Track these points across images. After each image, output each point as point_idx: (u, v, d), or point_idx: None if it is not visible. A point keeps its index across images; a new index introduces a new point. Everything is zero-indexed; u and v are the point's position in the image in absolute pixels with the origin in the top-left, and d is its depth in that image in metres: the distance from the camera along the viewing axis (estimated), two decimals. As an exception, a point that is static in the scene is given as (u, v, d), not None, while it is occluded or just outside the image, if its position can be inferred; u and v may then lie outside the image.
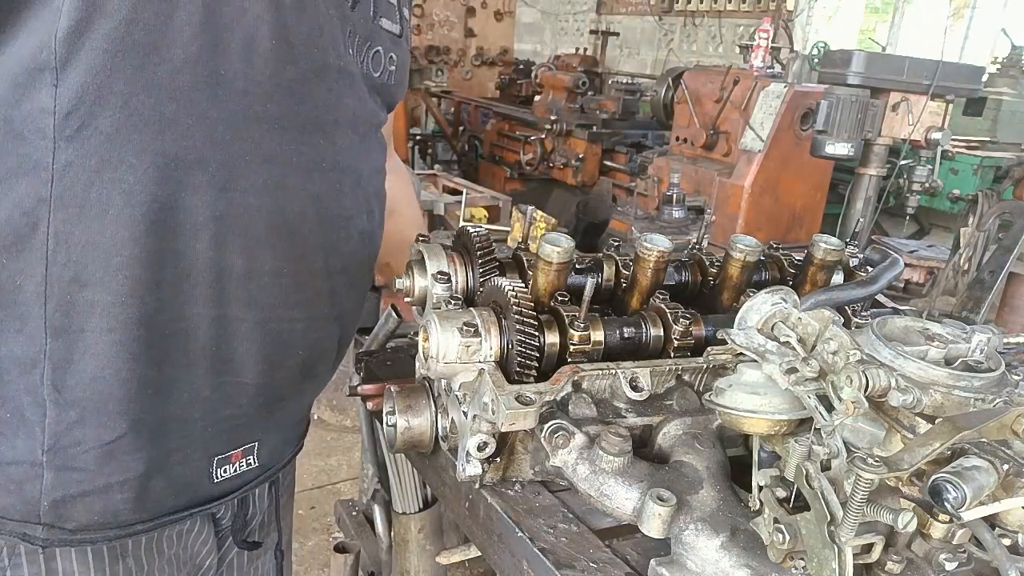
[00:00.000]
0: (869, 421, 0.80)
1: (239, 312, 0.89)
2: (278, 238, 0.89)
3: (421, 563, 1.39)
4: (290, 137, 0.88)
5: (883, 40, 7.05)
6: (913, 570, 0.75)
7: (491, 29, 10.21)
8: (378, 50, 1.00)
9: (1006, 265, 2.19)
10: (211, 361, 0.89)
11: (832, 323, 0.81)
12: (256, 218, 0.87)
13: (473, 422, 0.90)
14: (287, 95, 0.86)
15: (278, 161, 0.87)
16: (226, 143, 0.83)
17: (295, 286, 0.93)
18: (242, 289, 0.88)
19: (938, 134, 3.47)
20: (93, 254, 0.79)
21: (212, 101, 0.81)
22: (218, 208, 0.84)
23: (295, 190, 0.90)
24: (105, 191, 0.78)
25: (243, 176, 0.85)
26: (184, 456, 0.93)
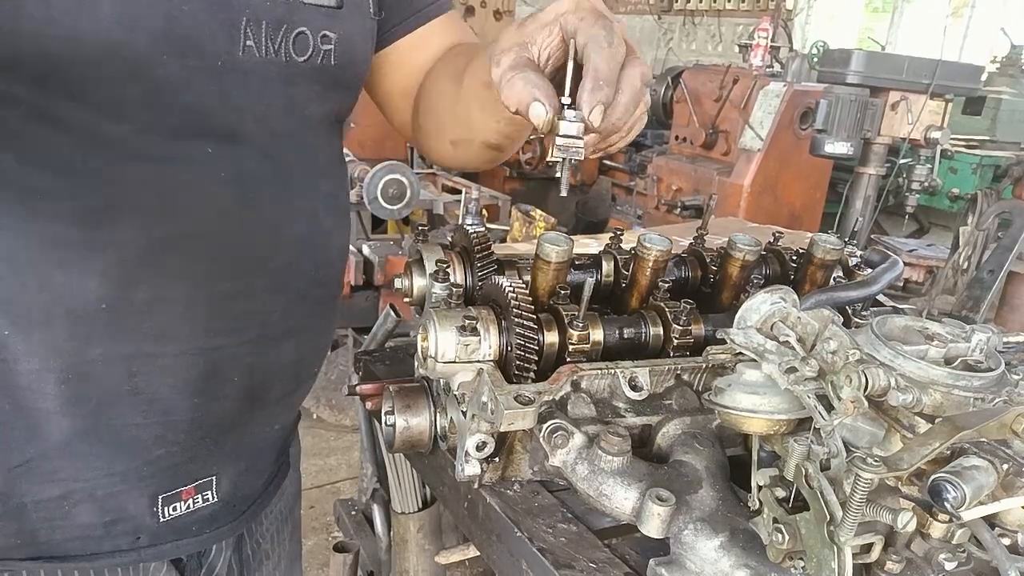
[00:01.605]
0: (868, 421, 0.80)
1: (152, 347, 0.82)
2: (182, 261, 0.81)
3: (420, 563, 1.39)
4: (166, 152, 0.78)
5: (882, 39, 7.05)
6: (913, 570, 0.75)
7: (490, 29, 10.19)
8: (302, 32, 0.85)
9: (1005, 264, 2.19)
10: (129, 400, 0.83)
11: (831, 322, 0.81)
12: (149, 242, 0.78)
13: (472, 422, 0.90)
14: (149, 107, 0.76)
15: (159, 180, 0.78)
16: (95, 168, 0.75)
17: (213, 312, 0.85)
18: (148, 321, 0.81)
19: (937, 133, 3.47)
20: None
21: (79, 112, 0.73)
22: (102, 236, 0.76)
23: (190, 209, 0.80)
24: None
25: (123, 199, 0.77)
26: (113, 491, 0.87)
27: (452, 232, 1.20)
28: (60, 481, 0.84)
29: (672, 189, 4.73)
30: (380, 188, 3.83)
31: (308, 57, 0.87)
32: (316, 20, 0.87)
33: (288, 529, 1.21)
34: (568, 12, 0.80)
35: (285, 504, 1.18)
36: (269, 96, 0.85)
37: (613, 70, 0.78)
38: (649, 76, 0.83)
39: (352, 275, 3.74)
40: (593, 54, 0.77)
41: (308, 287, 0.96)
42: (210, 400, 0.89)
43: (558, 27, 0.81)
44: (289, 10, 0.83)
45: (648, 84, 0.84)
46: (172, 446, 0.88)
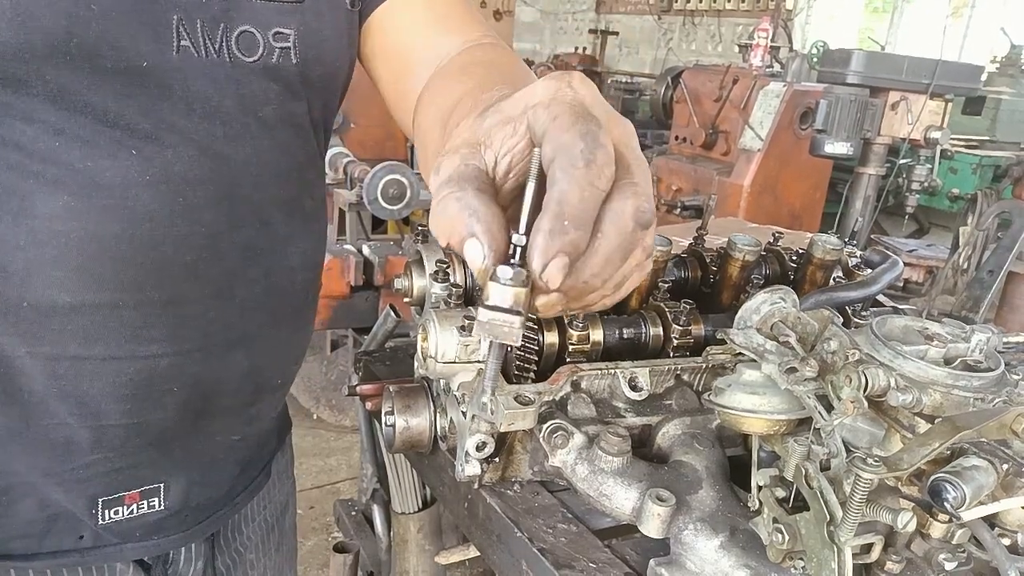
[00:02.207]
0: (868, 421, 0.80)
1: (78, 350, 0.80)
2: (105, 265, 0.78)
3: (420, 563, 1.39)
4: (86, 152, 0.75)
5: (882, 39, 7.05)
6: (912, 570, 0.75)
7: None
8: (245, 30, 0.80)
9: (1005, 264, 2.19)
10: (57, 402, 0.81)
11: (831, 323, 0.81)
12: (67, 245, 0.76)
13: (472, 422, 0.90)
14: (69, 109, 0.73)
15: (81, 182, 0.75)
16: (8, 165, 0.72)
17: (145, 319, 0.81)
18: (74, 326, 0.78)
19: (937, 133, 3.47)
20: None
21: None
22: (17, 237, 0.74)
23: (114, 211, 0.77)
24: None
25: (40, 199, 0.74)
26: (51, 489, 0.86)
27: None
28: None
29: (672, 189, 4.73)
30: (380, 188, 3.83)
31: (259, 56, 0.82)
32: (264, 17, 0.81)
33: (275, 538, 1.19)
34: (539, 105, 0.58)
35: (271, 513, 1.16)
36: (216, 98, 0.80)
37: (587, 202, 0.54)
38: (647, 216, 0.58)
39: (352, 275, 3.74)
40: (560, 175, 0.54)
41: (259, 296, 0.91)
42: (147, 408, 0.86)
43: (525, 125, 0.59)
44: (226, 8, 0.78)
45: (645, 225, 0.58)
46: (109, 451, 0.86)
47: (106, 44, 0.72)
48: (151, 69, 0.75)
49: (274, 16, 0.82)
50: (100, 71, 0.72)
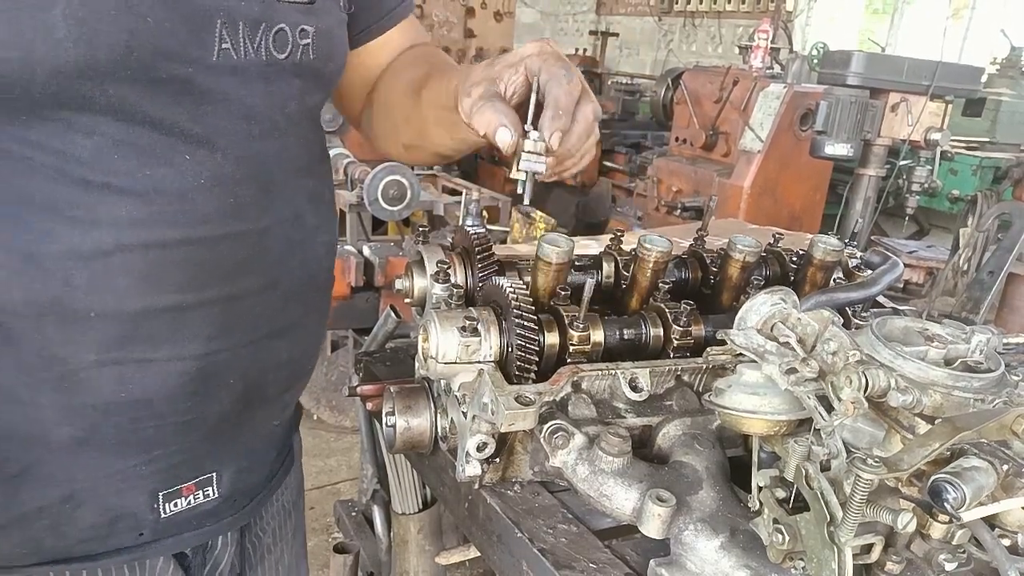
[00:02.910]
0: (869, 421, 0.80)
1: (144, 353, 0.83)
2: (167, 270, 0.81)
3: (420, 563, 1.39)
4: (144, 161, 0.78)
5: (882, 41, 7.05)
6: (913, 570, 0.75)
7: (490, 30, 10.19)
8: (281, 28, 0.85)
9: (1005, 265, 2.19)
10: (124, 405, 0.84)
11: (832, 324, 0.81)
12: (132, 253, 0.79)
13: (472, 422, 0.90)
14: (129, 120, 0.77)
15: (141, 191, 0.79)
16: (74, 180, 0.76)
17: (204, 318, 0.85)
18: (141, 330, 0.82)
19: (937, 134, 3.47)
20: None
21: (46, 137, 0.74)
22: (84, 247, 0.77)
23: (172, 217, 0.81)
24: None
25: (104, 210, 0.77)
26: (115, 491, 0.89)
27: (453, 233, 1.20)
28: (61, 484, 0.85)
29: (672, 190, 4.72)
30: (380, 189, 3.83)
31: (288, 54, 0.87)
32: (293, 16, 0.86)
33: (292, 524, 1.22)
34: (532, 55, 0.92)
35: (288, 498, 1.19)
36: (249, 97, 0.84)
37: (570, 103, 0.90)
38: (599, 113, 0.95)
39: (352, 276, 3.74)
40: (554, 88, 0.89)
41: (297, 286, 0.96)
42: (206, 402, 0.89)
43: (523, 67, 0.93)
44: (265, 8, 0.83)
45: (598, 118, 0.95)
46: (170, 447, 0.90)
47: (160, 55, 0.75)
48: (195, 75, 0.78)
49: (298, 15, 0.87)
50: (155, 82, 0.76)
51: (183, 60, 0.77)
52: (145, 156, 0.78)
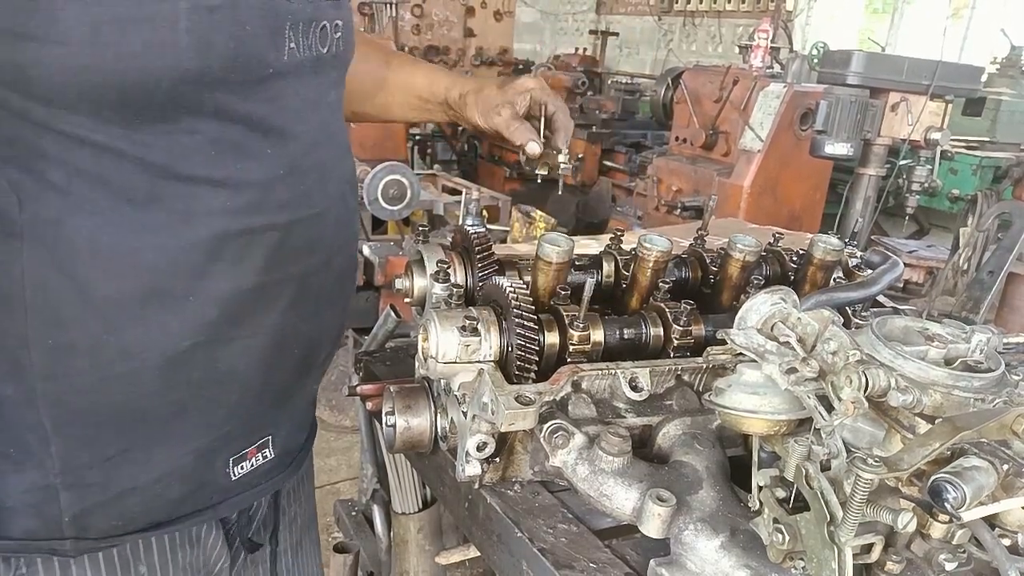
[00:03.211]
0: (869, 421, 0.80)
1: (231, 331, 0.90)
2: (253, 254, 0.89)
3: (420, 563, 1.39)
4: (235, 156, 0.86)
5: (882, 40, 7.05)
6: (913, 570, 0.75)
7: (490, 29, 10.19)
8: (324, 25, 0.94)
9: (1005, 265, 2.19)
10: (213, 381, 0.91)
11: (832, 323, 0.81)
12: (224, 240, 0.86)
13: (472, 422, 0.90)
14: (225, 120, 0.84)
15: (232, 183, 0.86)
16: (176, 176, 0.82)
17: (278, 294, 0.94)
18: (229, 310, 0.89)
19: (937, 134, 3.47)
20: (67, 298, 0.82)
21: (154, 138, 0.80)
22: (183, 238, 0.84)
23: (258, 206, 0.88)
24: (68, 239, 0.81)
25: (200, 203, 0.84)
26: (198, 462, 0.96)
27: (452, 233, 1.20)
28: (155, 466, 0.93)
29: (672, 190, 4.72)
30: (380, 189, 3.83)
31: (328, 47, 0.96)
32: (328, 12, 0.95)
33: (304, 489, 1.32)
34: (535, 89, 1.32)
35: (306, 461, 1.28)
36: (304, 91, 0.92)
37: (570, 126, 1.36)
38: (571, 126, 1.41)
39: (352, 276, 3.73)
40: (560, 116, 1.34)
41: (344, 263, 1.06)
42: (275, 371, 0.98)
43: (529, 96, 1.31)
44: (313, 7, 0.91)
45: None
46: (244, 416, 0.98)
47: (254, 59, 0.84)
48: (274, 75, 0.87)
49: (332, 11, 0.95)
50: (248, 83, 0.84)
51: (266, 62, 0.85)
52: (236, 152, 0.85)
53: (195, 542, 1.03)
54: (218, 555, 1.08)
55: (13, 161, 0.78)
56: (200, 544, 1.04)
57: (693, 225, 1.55)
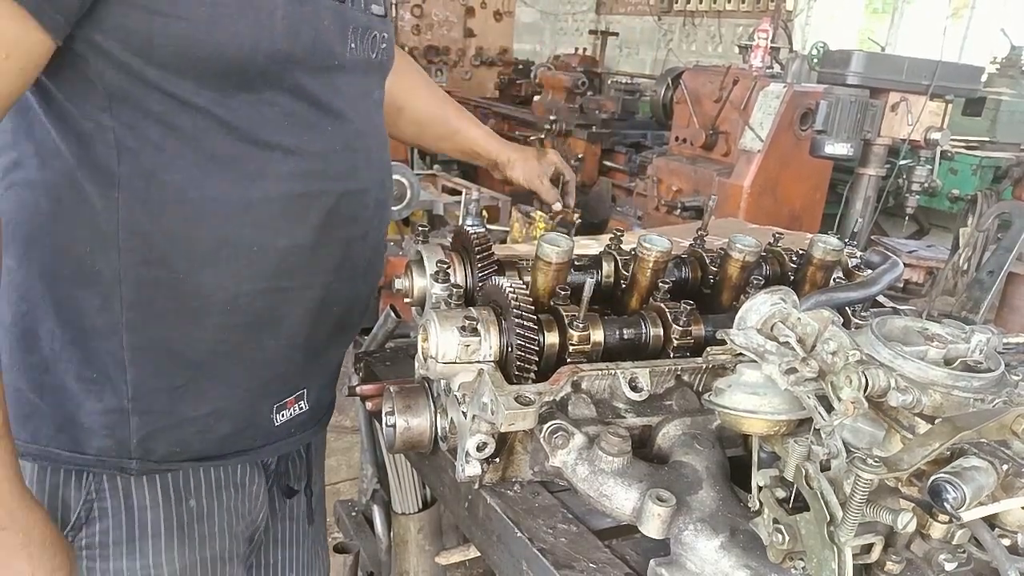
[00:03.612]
0: (869, 421, 0.80)
1: (285, 282, 1.04)
2: (309, 215, 1.03)
3: (420, 563, 1.39)
4: (302, 129, 1.01)
5: (882, 40, 7.05)
6: (913, 570, 0.75)
7: (490, 29, 10.19)
8: (375, 35, 1.12)
9: (1005, 265, 2.19)
10: (267, 326, 1.05)
11: (831, 323, 0.81)
12: (287, 201, 1.01)
13: (472, 422, 0.90)
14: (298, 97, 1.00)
15: (298, 152, 1.01)
16: (255, 141, 0.97)
17: (326, 255, 1.08)
18: (285, 263, 1.03)
19: (937, 134, 3.47)
20: (156, 240, 0.96)
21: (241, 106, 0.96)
22: (255, 195, 0.98)
23: (317, 174, 1.03)
24: (160, 189, 0.95)
25: (271, 166, 0.99)
26: (247, 404, 1.09)
27: (452, 233, 1.21)
28: (209, 400, 1.06)
29: (672, 190, 4.72)
30: (380, 189, 3.82)
31: (376, 54, 1.14)
32: (378, 25, 1.13)
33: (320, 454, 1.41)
34: (558, 163, 1.77)
35: None
36: (359, 85, 1.10)
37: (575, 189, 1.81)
38: None
39: (352, 275, 3.72)
40: (572, 183, 1.80)
41: (377, 237, 1.20)
42: (317, 326, 1.11)
43: (554, 167, 1.76)
44: (368, 19, 1.10)
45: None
46: (289, 364, 1.11)
47: (326, 50, 1.02)
48: (338, 67, 1.04)
49: (380, 24, 1.15)
50: (320, 69, 1.01)
51: (334, 54, 1.03)
52: (303, 125, 1.01)
53: (239, 486, 1.15)
54: (260, 505, 1.21)
55: (120, 118, 0.92)
56: (244, 490, 1.16)
57: (693, 225, 1.55)
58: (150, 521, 1.08)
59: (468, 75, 9.98)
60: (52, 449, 1.03)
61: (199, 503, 1.11)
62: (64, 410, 1.02)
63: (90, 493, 1.05)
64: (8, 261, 0.98)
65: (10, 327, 1.02)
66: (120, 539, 1.06)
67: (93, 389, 1.01)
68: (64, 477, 1.04)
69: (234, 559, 1.18)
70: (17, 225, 0.97)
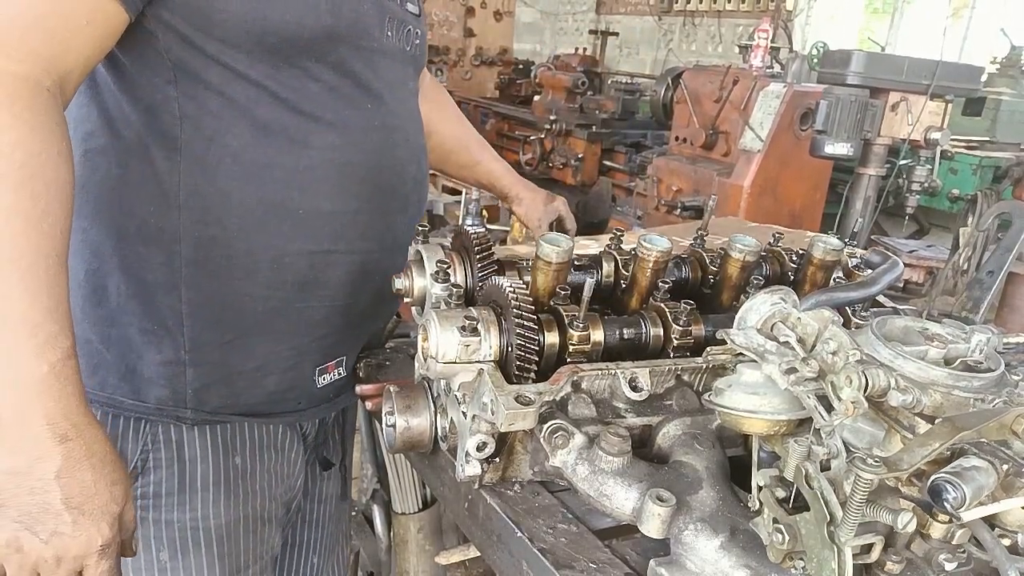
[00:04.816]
0: (869, 421, 0.80)
1: (329, 245, 1.11)
2: (351, 184, 1.11)
3: (420, 563, 1.39)
4: (344, 104, 1.10)
5: (882, 40, 7.05)
6: (913, 570, 0.75)
7: (490, 29, 10.20)
8: (409, 29, 1.22)
9: (1005, 265, 2.18)
10: (311, 287, 1.12)
11: (831, 323, 0.81)
12: (330, 169, 1.09)
13: (472, 422, 0.90)
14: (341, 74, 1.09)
15: (340, 124, 1.09)
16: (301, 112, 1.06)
17: (367, 223, 1.15)
18: (329, 227, 1.11)
19: (937, 134, 3.47)
20: (213, 201, 1.04)
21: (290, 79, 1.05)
22: (301, 162, 1.07)
23: (357, 146, 1.12)
24: (217, 154, 1.03)
25: (316, 137, 1.08)
26: (292, 363, 1.17)
27: (452, 233, 1.21)
28: (257, 355, 1.14)
29: (672, 190, 4.72)
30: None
31: (411, 47, 1.24)
32: (413, 21, 1.24)
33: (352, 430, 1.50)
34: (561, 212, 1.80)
35: None
36: (395, 72, 1.19)
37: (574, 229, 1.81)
38: None
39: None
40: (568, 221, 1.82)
41: (415, 214, 1.27)
42: (358, 292, 1.19)
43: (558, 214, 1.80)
44: (404, 13, 1.20)
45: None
46: (330, 328, 1.19)
47: (366, 31, 1.11)
48: (379, 49, 1.14)
49: (415, 22, 1.25)
50: (361, 48, 1.11)
51: (374, 37, 1.13)
52: (346, 100, 1.11)
53: (280, 449, 1.23)
54: (298, 472, 1.28)
55: (184, 89, 1.01)
56: (284, 454, 1.24)
57: (693, 225, 1.55)
58: (200, 474, 1.14)
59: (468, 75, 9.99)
60: (117, 397, 1.10)
61: (244, 460, 1.18)
62: (128, 360, 1.09)
63: (146, 444, 1.11)
64: (82, 222, 1.04)
65: (82, 282, 1.08)
66: (172, 489, 1.13)
67: (154, 341, 1.08)
68: (124, 426, 1.11)
69: (273, 521, 1.25)
70: (90, 189, 1.05)
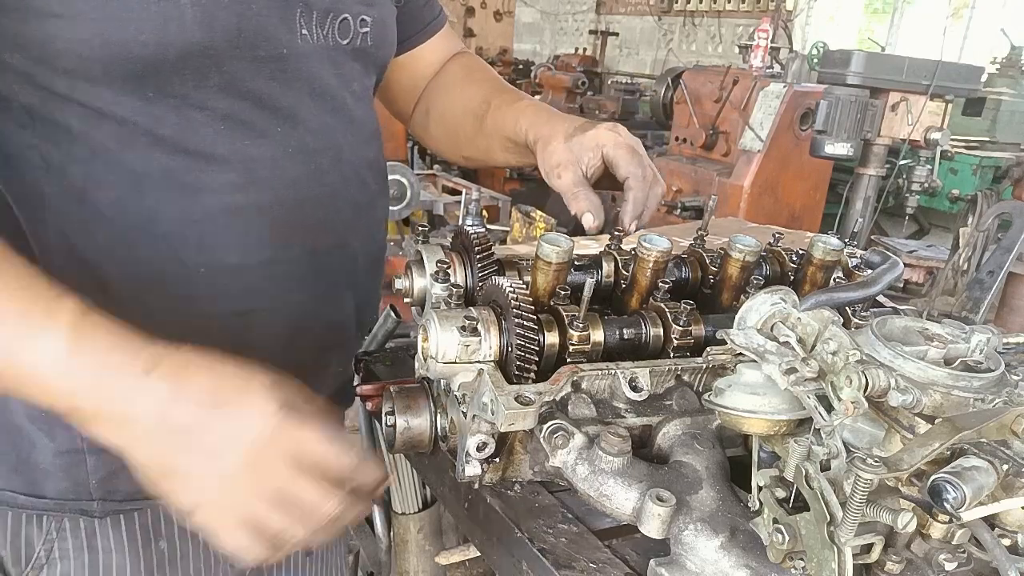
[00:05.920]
0: (869, 421, 0.80)
1: (244, 305, 0.95)
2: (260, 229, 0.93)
3: (420, 563, 1.39)
4: (242, 133, 0.91)
5: (882, 40, 7.05)
6: (913, 570, 0.75)
7: (490, 29, 10.21)
8: (345, 18, 0.99)
9: (1005, 265, 2.19)
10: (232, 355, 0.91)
11: (831, 323, 0.81)
12: (232, 215, 0.91)
13: (472, 422, 0.90)
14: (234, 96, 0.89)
15: (239, 160, 0.91)
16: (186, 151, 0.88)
17: (289, 271, 0.98)
18: (239, 284, 0.94)
19: (937, 134, 3.47)
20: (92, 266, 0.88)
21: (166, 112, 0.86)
22: (193, 211, 0.90)
23: (264, 183, 0.93)
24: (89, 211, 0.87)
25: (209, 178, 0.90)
26: None
27: (452, 233, 1.21)
28: None
29: (672, 190, 4.72)
30: (380, 189, 3.82)
31: (350, 40, 1.01)
32: (355, 7, 1.00)
33: None
34: (607, 145, 1.13)
35: None
36: (322, 77, 0.98)
37: (647, 197, 1.14)
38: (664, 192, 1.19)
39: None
40: (634, 184, 1.12)
41: (364, 245, 1.09)
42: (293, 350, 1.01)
43: (600, 152, 1.13)
44: (334, 1, 0.97)
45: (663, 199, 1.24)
46: None
47: (261, 36, 0.89)
48: (288, 56, 0.93)
49: (359, 6, 1.01)
50: (257, 60, 0.90)
51: (279, 43, 0.91)
52: (245, 128, 0.91)
53: None
54: None
55: (40, 132, 0.85)
56: None
57: (693, 225, 1.55)
58: (115, 565, 1.00)
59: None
60: (7, 492, 0.97)
61: (171, 544, 1.03)
62: (20, 451, 0.96)
63: (50, 533, 0.98)
64: None
65: None
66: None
67: (44, 429, 0.95)
68: (26, 519, 0.98)
69: None
70: None
